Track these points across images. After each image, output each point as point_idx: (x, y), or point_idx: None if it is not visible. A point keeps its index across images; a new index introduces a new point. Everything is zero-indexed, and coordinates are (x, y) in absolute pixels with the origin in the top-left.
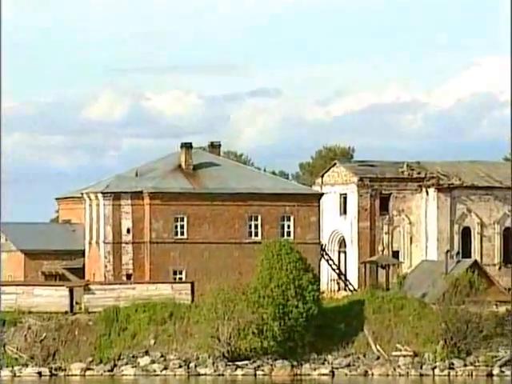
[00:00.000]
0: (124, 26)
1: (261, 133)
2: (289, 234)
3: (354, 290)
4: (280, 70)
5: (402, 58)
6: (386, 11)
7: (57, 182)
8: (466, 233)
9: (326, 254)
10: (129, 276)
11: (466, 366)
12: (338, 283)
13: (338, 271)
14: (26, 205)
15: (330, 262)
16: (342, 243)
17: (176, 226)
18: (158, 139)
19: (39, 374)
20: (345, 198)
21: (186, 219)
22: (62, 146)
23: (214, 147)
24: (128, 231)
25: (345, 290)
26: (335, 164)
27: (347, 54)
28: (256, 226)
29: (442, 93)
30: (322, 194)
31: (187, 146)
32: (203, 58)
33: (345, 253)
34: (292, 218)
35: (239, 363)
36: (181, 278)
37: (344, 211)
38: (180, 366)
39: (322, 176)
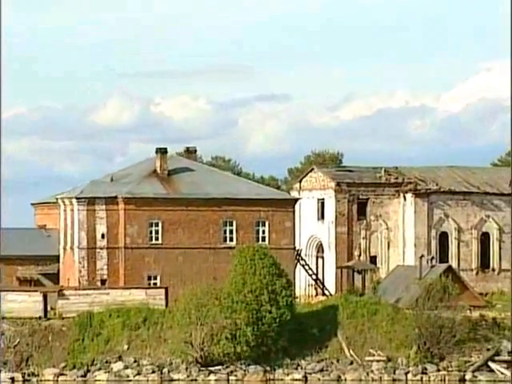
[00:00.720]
0: (133, 32)
1: (269, 138)
2: (264, 239)
3: (331, 294)
4: (289, 75)
5: (411, 63)
6: (395, 16)
7: (64, 187)
8: (443, 238)
9: (302, 259)
10: (103, 281)
11: (439, 370)
12: (315, 288)
13: (314, 276)
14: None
15: (306, 267)
16: (320, 248)
17: (151, 231)
18: (166, 144)
19: (12, 379)
20: (322, 203)
21: (160, 224)
22: (69, 151)
23: (190, 152)
24: (102, 236)
25: (322, 294)
26: (313, 169)
27: (356, 59)
28: (231, 231)
29: (451, 98)
30: (297, 200)
31: (162, 152)
32: (212, 63)
33: (323, 258)
34: (267, 224)
35: (212, 368)
36: (155, 283)
37: (322, 216)
38: (153, 372)
39: (300, 181)
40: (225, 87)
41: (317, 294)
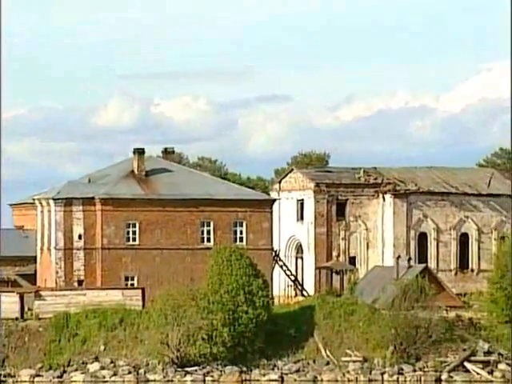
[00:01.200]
0: (133, 33)
1: (270, 138)
2: (241, 239)
3: (309, 295)
4: (289, 76)
5: (411, 64)
6: (395, 16)
7: None
8: (422, 238)
9: (280, 259)
10: (80, 282)
11: (415, 371)
12: (294, 289)
13: (292, 277)
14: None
15: (284, 267)
16: (300, 249)
17: (128, 232)
18: (167, 145)
19: None
20: (302, 204)
21: (137, 225)
22: (70, 152)
23: (168, 153)
24: (79, 237)
25: (302, 295)
26: (292, 170)
27: (356, 60)
28: (208, 232)
29: (451, 98)
30: (274, 200)
31: (140, 152)
32: (212, 64)
33: (302, 258)
34: (244, 224)
35: (188, 369)
36: (133, 284)
37: (301, 217)
38: (129, 372)
39: (280, 182)
40: (225, 88)
41: (296, 295)
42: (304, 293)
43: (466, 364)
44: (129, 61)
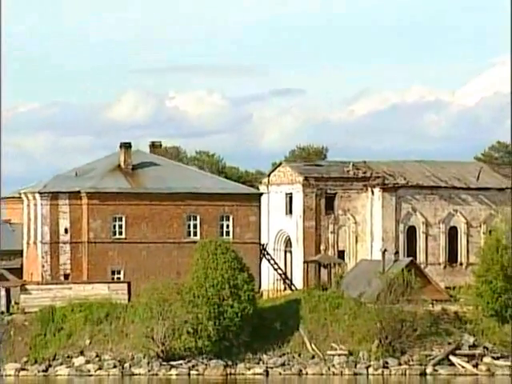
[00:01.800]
0: (148, 27)
1: (284, 132)
2: (228, 233)
3: (296, 289)
4: (303, 70)
5: (425, 58)
6: (410, 10)
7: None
8: (411, 232)
9: (268, 253)
10: (66, 276)
11: (400, 364)
12: (284, 283)
13: (279, 271)
14: None
15: (272, 261)
16: (288, 243)
17: (114, 226)
18: (181, 139)
19: None
20: (290, 198)
21: (124, 219)
22: (85, 146)
23: (156, 147)
24: (66, 231)
25: (290, 289)
26: (281, 164)
27: (371, 54)
28: (195, 226)
29: (466, 92)
30: (261, 194)
31: (126, 146)
32: (226, 58)
33: (291, 252)
34: (231, 218)
35: (174, 363)
36: (119, 278)
37: (290, 211)
38: (114, 366)
39: (269, 176)
40: (239, 82)
41: (285, 289)
42: (292, 287)
43: (451, 357)
44: (143, 55)
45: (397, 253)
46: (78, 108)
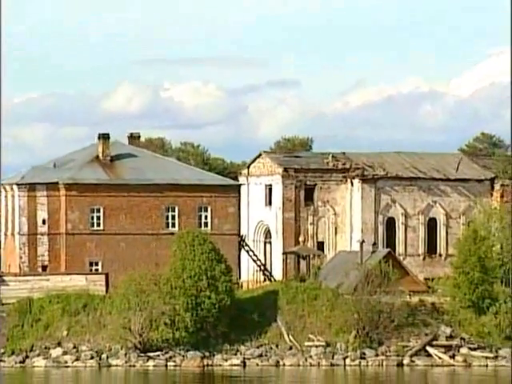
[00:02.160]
0: (142, 18)
1: (279, 124)
2: (206, 224)
3: (275, 280)
4: (299, 62)
5: (421, 49)
6: (406, 1)
7: None
8: (390, 223)
9: (246, 244)
10: (44, 267)
11: (377, 355)
12: (264, 274)
13: (258, 262)
14: None
15: (251, 252)
16: (268, 234)
17: (92, 217)
18: (177, 130)
19: None
20: (270, 189)
21: (102, 210)
22: (81, 137)
23: (134, 138)
24: (43, 222)
25: (269, 280)
26: (261, 155)
27: (366, 45)
28: (173, 217)
29: (461, 83)
30: (240, 185)
31: (104, 137)
32: (222, 50)
33: (270, 243)
34: (209, 209)
35: (151, 354)
36: (97, 270)
37: (269, 202)
38: (92, 358)
39: (248, 167)
40: (235, 73)
41: (265, 280)
42: (271, 278)
43: (428, 348)
44: (138, 47)
45: (375, 244)
46: (74, 99)
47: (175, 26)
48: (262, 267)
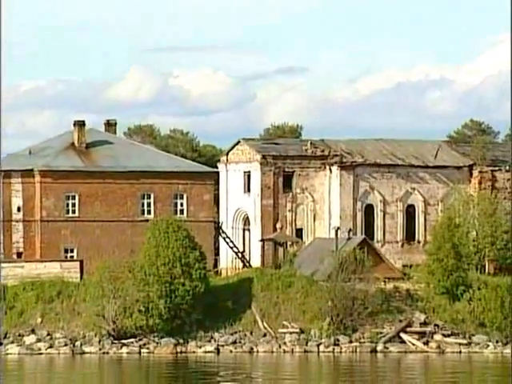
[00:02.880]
0: (151, 6)
1: (288, 111)
2: (182, 212)
3: (251, 267)
4: (307, 49)
5: (430, 35)
6: None
7: None
8: (368, 210)
9: (223, 231)
10: (19, 254)
11: (351, 342)
12: (242, 261)
13: (235, 249)
14: None
15: (227, 240)
16: (247, 221)
17: (67, 204)
18: (186, 117)
19: None
20: (248, 176)
21: (77, 197)
22: (88, 125)
23: (110, 125)
24: (18, 209)
25: (248, 267)
26: (239, 142)
27: (375, 32)
28: (149, 204)
29: (470, 70)
30: (216, 173)
31: (80, 124)
32: (230, 37)
33: (249, 230)
34: (185, 196)
35: (125, 341)
36: (72, 256)
37: (248, 189)
38: (65, 345)
39: (227, 154)
40: (244, 60)
41: (244, 267)
42: (248, 265)
43: (401, 335)
44: (147, 34)
45: (350, 231)
46: (82, 86)
47: (185, 14)
48: (240, 254)
